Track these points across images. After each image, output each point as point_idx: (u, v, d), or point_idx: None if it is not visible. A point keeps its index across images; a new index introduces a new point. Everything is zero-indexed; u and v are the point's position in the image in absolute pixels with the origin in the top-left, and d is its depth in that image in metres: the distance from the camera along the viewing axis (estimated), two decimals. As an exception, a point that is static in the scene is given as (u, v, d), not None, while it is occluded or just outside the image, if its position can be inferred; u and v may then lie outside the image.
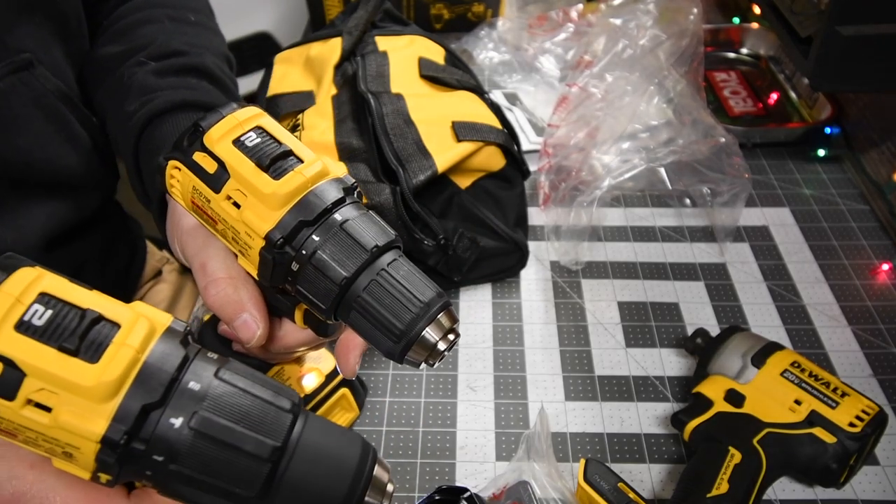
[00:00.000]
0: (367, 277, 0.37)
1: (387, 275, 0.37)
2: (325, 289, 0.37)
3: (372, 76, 0.77)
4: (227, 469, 0.31)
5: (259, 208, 0.37)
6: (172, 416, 0.30)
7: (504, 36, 1.11)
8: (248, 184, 0.37)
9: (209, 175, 0.38)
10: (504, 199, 0.76)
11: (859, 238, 0.83)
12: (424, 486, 0.60)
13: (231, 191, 0.37)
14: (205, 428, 0.30)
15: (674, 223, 0.85)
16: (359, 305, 0.37)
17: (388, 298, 0.37)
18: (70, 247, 0.65)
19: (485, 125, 0.74)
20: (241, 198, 0.37)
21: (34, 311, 0.30)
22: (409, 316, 0.37)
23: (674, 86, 0.84)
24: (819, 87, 0.94)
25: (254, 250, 0.38)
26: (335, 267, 0.37)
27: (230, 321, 0.43)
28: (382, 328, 0.37)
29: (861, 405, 0.57)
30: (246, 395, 0.32)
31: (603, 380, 0.69)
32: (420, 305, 0.37)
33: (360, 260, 0.37)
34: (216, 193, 0.38)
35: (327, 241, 0.37)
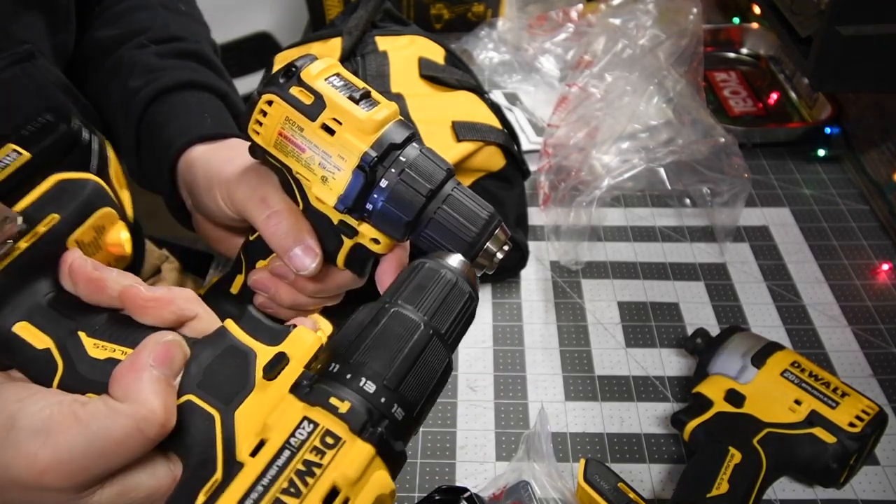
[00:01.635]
0: (440, 198, 0.44)
1: (458, 193, 0.44)
2: (411, 203, 0.43)
3: (372, 76, 0.77)
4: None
5: (355, 132, 0.43)
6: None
7: (504, 36, 1.11)
8: (345, 112, 0.43)
9: (306, 106, 0.43)
10: (504, 199, 0.76)
11: (859, 238, 0.83)
12: (424, 486, 0.60)
13: (327, 119, 0.43)
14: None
15: (674, 223, 0.85)
16: (436, 220, 0.44)
17: (458, 215, 0.44)
18: None
19: (485, 125, 0.74)
20: (335, 125, 0.43)
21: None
22: (474, 231, 0.44)
23: (673, 86, 0.84)
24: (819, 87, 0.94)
25: (344, 171, 0.43)
26: (422, 181, 0.43)
27: (289, 249, 0.47)
28: (453, 238, 0.44)
29: (861, 405, 0.57)
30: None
31: (603, 380, 0.69)
32: (484, 220, 0.44)
33: (441, 177, 0.44)
34: (312, 121, 0.43)
35: (414, 161, 0.44)
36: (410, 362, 0.34)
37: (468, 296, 0.38)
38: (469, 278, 0.39)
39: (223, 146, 0.57)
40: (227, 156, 0.53)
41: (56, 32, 0.62)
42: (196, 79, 0.62)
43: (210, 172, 0.53)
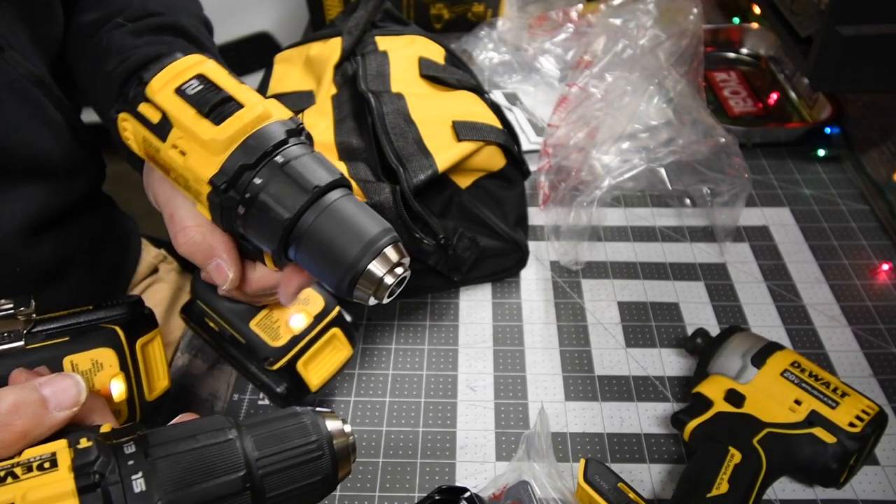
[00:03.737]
0: (311, 215, 0.38)
1: (332, 211, 0.38)
2: (271, 230, 0.38)
3: (372, 76, 0.77)
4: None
5: (202, 155, 0.38)
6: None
7: (504, 36, 1.11)
8: (190, 131, 0.38)
9: (154, 125, 0.39)
10: (504, 198, 0.76)
11: (859, 238, 0.83)
12: (424, 486, 0.60)
13: (176, 139, 0.39)
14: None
15: (674, 223, 0.85)
16: (305, 243, 0.38)
17: (333, 234, 0.38)
18: (55, 235, 0.64)
19: (485, 125, 0.74)
20: (185, 145, 0.38)
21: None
22: (353, 250, 0.37)
23: (674, 86, 0.84)
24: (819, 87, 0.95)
25: (203, 196, 0.39)
26: (277, 208, 0.38)
27: (203, 266, 0.45)
28: (328, 263, 0.38)
29: (861, 405, 0.57)
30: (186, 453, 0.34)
31: (603, 380, 0.69)
32: (365, 240, 0.38)
33: (302, 199, 0.38)
34: (163, 143, 0.39)
35: (269, 183, 0.38)
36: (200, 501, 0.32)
37: (319, 480, 0.35)
38: (339, 459, 0.36)
39: None
40: None
41: (36, 24, 0.62)
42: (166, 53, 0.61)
43: (146, 168, 0.50)
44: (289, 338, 0.53)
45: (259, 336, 0.52)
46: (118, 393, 0.47)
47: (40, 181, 0.62)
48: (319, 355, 0.56)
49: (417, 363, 0.70)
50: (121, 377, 0.47)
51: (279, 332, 0.53)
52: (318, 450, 0.35)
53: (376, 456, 0.63)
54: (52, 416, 0.36)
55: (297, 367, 0.54)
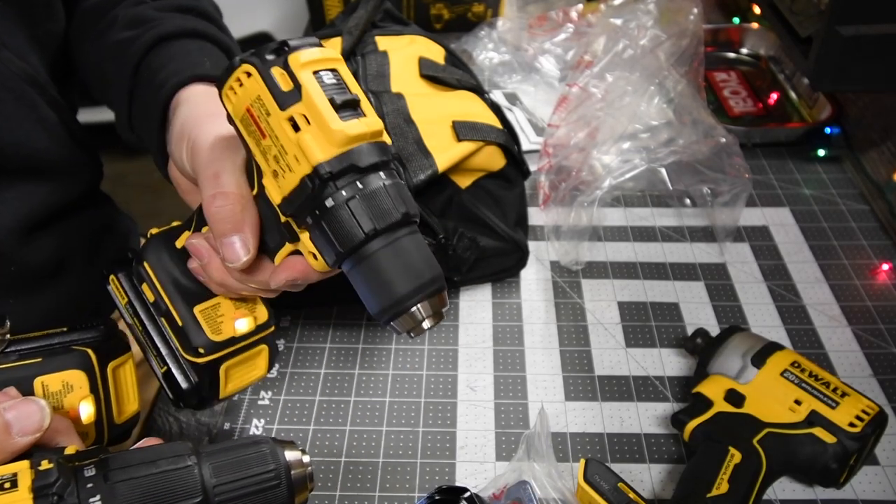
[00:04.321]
0: (385, 240, 0.40)
1: (404, 242, 0.40)
2: (349, 235, 0.39)
3: (372, 76, 0.77)
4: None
5: (319, 138, 0.39)
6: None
7: (504, 36, 1.11)
8: (318, 114, 0.39)
9: (282, 92, 0.39)
10: (504, 198, 0.76)
11: (859, 238, 0.83)
12: (424, 486, 0.60)
13: (296, 113, 0.39)
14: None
15: (674, 223, 0.85)
16: (369, 262, 0.40)
17: (397, 264, 0.40)
18: (51, 234, 0.64)
19: (485, 125, 0.74)
20: (303, 123, 0.39)
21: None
22: (406, 288, 0.39)
23: (674, 86, 0.84)
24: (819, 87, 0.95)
25: (295, 174, 0.40)
26: (367, 218, 0.39)
27: (223, 236, 0.44)
28: (381, 289, 0.40)
29: (861, 405, 0.57)
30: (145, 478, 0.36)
31: (603, 380, 0.69)
32: (419, 282, 0.40)
33: (390, 220, 0.39)
34: (281, 110, 0.39)
35: (368, 192, 0.39)
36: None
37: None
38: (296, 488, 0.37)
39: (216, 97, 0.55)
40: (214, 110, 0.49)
41: (35, 24, 0.62)
42: (199, 28, 0.60)
43: (189, 120, 0.50)
44: (228, 336, 0.51)
45: (200, 323, 0.51)
46: (87, 415, 0.47)
47: (35, 181, 0.62)
48: (242, 365, 0.54)
49: (417, 363, 0.70)
50: (90, 399, 0.47)
51: (221, 328, 0.51)
52: (275, 479, 0.37)
53: (376, 456, 0.63)
54: (14, 441, 0.36)
55: (220, 368, 0.53)
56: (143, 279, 0.52)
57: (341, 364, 0.71)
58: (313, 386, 0.69)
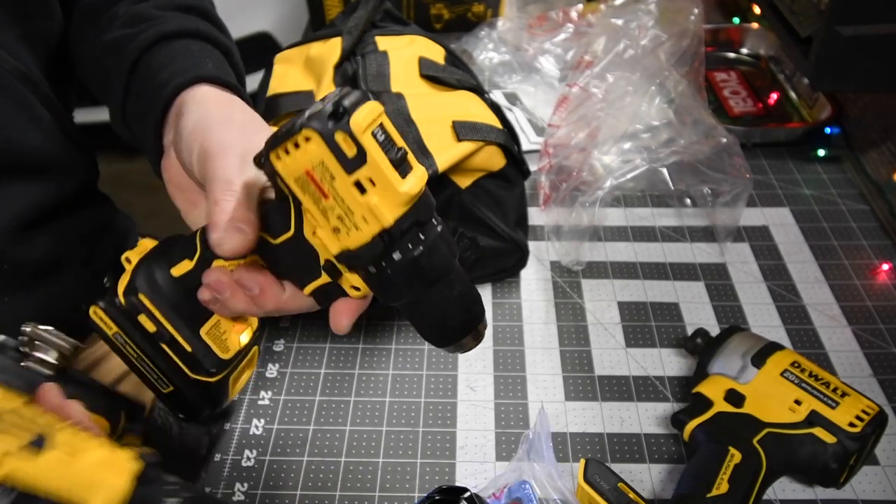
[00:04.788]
0: (442, 284, 0.43)
1: (456, 284, 0.43)
2: (414, 284, 0.42)
3: (372, 76, 0.77)
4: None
5: (387, 200, 0.40)
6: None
7: (504, 36, 1.11)
8: (383, 177, 0.40)
9: (346, 158, 0.39)
10: (504, 198, 0.76)
11: (859, 238, 0.83)
12: (424, 486, 0.60)
13: (362, 177, 0.40)
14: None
15: (674, 223, 0.85)
16: (428, 304, 0.43)
17: (453, 306, 0.43)
18: (46, 232, 0.64)
19: (485, 125, 0.74)
20: (368, 185, 0.40)
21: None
22: (463, 326, 0.44)
23: (674, 86, 0.84)
24: (819, 87, 0.95)
25: (362, 233, 0.41)
26: (430, 271, 0.42)
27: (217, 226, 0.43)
28: (439, 328, 0.44)
29: (861, 405, 0.57)
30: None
31: (603, 380, 0.69)
32: (473, 318, 0.44)
33: (450, 266, 0.42)
34: (348, 175, 0.40)
35: (430, 243, 0.42)
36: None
37: None
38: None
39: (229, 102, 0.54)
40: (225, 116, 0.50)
41: (30, 21, 0.62)
42: (201, 29, 0.60)
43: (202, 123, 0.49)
44: (235, 351, 0.52)
45: (209, 345, 0.51)
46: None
47: (29, 179, 0.62)
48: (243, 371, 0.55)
49: (417, 363, 0.70)
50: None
51: (227, 345, 0.52)
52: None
53: (376, 456, 0.63)
54: None
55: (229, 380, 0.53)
56: (139, 311, 0.50)
57: (341, 364, 0.71)
58: (313, 386, 0.69)
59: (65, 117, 0.64)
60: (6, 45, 0.59)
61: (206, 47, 0.59)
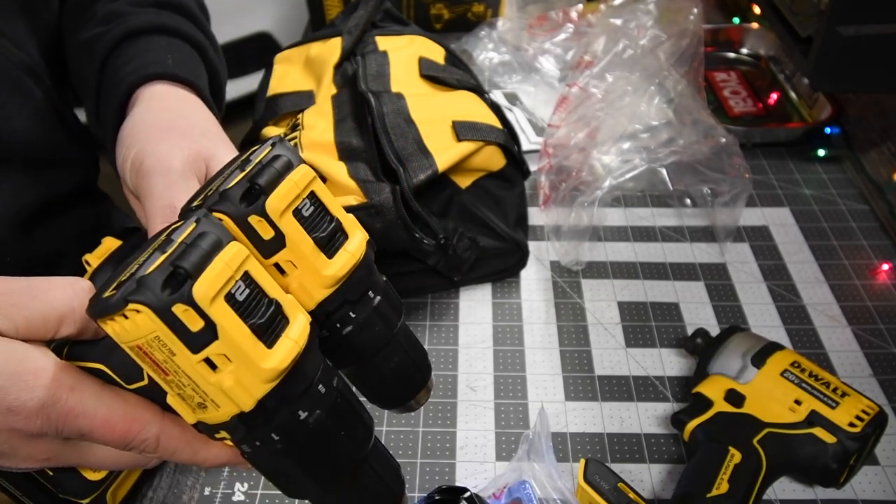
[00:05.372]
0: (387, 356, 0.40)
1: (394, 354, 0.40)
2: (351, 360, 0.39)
3: (372, 76, 0.77)
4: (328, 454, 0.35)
5: (311, 282, 0.35)
6: (300, 410, 0.33)
7: (504, 36, 1.11)
8: (306, 260, 0.35)
9: (263, 241, 0.34)
10: (504, 198, 0.76)
11: (859, 238, 0.83)
12: (424, 486, 0.60)
13: (281, 259, 0.35)
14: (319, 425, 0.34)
15: (674, 223, 0.85)
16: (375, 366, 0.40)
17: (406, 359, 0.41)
18: (46, 227, 0.64)
19: (485, 125, 0.74)
20: (289, 268, 0.35)
21: (238, 287, 0.31)
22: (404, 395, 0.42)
23: (674, 86, 0.84)
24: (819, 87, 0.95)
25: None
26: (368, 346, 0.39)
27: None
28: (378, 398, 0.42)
29: (861, 405, 0.57)
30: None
31: (603, 380, 0.69)
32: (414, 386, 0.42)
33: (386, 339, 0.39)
34: (265, 259, 0.35)
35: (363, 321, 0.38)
36: None
37: None
38: None
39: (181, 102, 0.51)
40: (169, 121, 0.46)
41: (30, 13, 0.62)
42: (169, 24, 0.58)
43: (140, 127, 0.46)
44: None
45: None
46: None
47: (30, 171, 0.62)
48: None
49: (417, 363, 0.70)
50: None
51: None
52: None
53: (376, 456, 0.63)
54: None
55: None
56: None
57: (341, 364, 0.71)
58: (313, 386, 0.69)
59: (68, 112, 0.65)
60: (11, 37, 0.59)
61: (174, 42, 0.57)
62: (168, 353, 0.31)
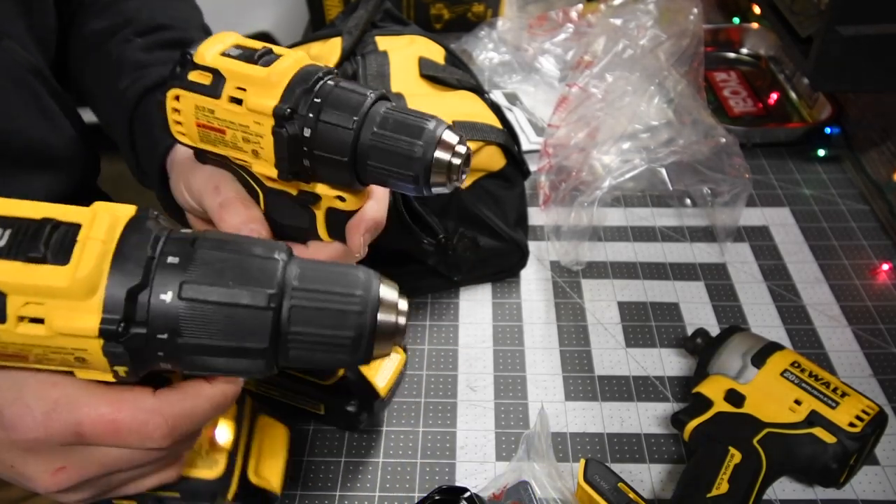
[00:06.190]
0: (370, 125, 0.40)
1: (392, 113, 0.41)
2: (341, 139, 0.40)
3: (372, 75, 0.77)
4: (231, 327, 0.31)
5: (259, 94, 0.40)
6: (161, 293, 0.31)
7: (504, 36, 1.11)
8: (245, 77, 0.40)
9: (207, 87, 0.41)
10: (504, 198, 0.76)
11: (859, 238, 0.83)
12: (424, 486, 0.60)
13: (230, 91, 0.40)
14: (195, 294, 0.31)
15: (674, 223, 0.85)
16: (374, 146, 0.40)
17: (397, 132, 0.40)
18: None
19: (485, 125, 0.74)
20: (240, 94, 0.40)
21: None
22: (419, 142, 0.40)
23: (674, 86, 0.84)
24: (819, 86, 0.95)
25: (266, 137, 0.41)
26: (343, 114, 0.40)
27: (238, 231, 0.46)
28: (400, 161, 0.40)
29: (861, 405, 0.57)
30: (229, 254, 0.32)
31: (603, 380, 0.69)
32: (424, 129, 0.40)
33: (362, 104, 0.40)
34: (217, 99, 0.41)
35: (328, 98, 0.40)
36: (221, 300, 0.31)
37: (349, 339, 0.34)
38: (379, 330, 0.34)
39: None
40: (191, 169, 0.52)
41: (29, 15, 0.62)
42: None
43: (179, 165, 0.53)
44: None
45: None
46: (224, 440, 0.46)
47: (37, 172, 0.62)
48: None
49: (417, 363, 0.70)
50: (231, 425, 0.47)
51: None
52: (359, 304, 0.33)
53: (376, 456, 0.63)
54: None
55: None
56: None
57: (341, 364, 0.71)
58: (313, 386, 0.69)
59: (72, 111, 0.65)
60: (16, 38, 0.59)
61: None
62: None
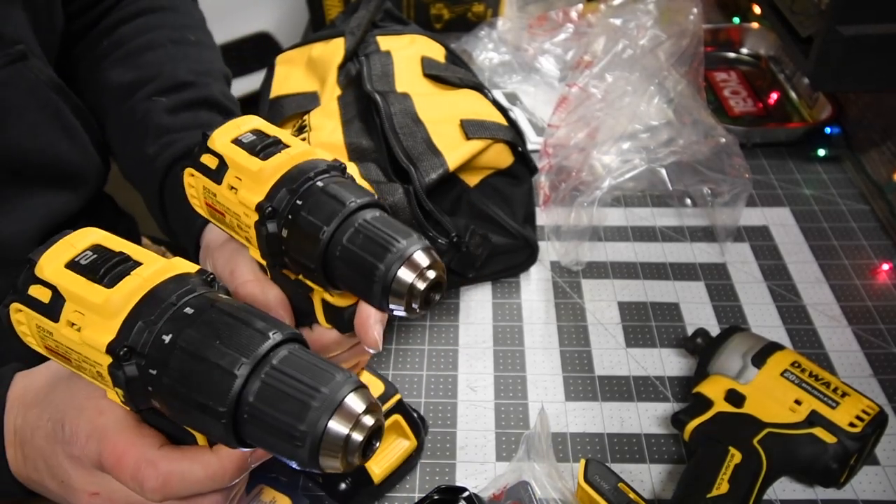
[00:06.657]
0: (341, 235, 0.39)
1: (365, 227, 0.39)
2: (311, 247, 0.40)
3: (377, 76, 0.77)
4: (203, 383, 0.33)
5: (250, 186, 0.41)
6: (164, 334, 0.34)
7: (504, 36, 1.11)
8: (241, 168, 0.41)
9: (212, 171, 0.42)
10: (512, 195, 0.76)
11: (859, 238, 0.83)
12: (424, 486, 0.60)
13: (230, 179, 0.41)
14: (186, 343, 0.34)
15: (674, 223, 0.85)
16: (340, 261, 0.39)
17: (363, 246, 0.39)
18: None
19: (493, 122, 0.74)
20: (237, 183, 0.41)
21: (83, 255, 0.37)
22: (383, 260, 0.38)
23: (674, 86, 0.84)
24: (819, 86, 0.95)
25: (252, 228, 0.41)
26: (315, 223, 0.39)
27: None
28: (361, 273, 0.39)
29: (861, 405, 0.57)
30: (233, 320, 0.34)
31: (603, 380, 0.69)
32: (393, 248, 0.38)
33: (337, 213, 0.39)
34: (219, 185, 0.42)
35: (308, 201, 0.40)
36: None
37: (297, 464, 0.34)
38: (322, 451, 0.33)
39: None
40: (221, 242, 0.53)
41: (39, 29, 0.62)
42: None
43: (205, 241, 0.55)
44: None
45: None
46: None
47: (56, 188, 0.63)
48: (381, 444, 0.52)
49: (417, 363, 0.70)
50: None
51: None
52: (318, 401, 0.32)
53: (377, 456, 0.63)
54: None
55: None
56: None
57: (342, 364, 0.71)
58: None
59: (92, 126, 0.65)
60: (38, 55, 0.60)
61: None
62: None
